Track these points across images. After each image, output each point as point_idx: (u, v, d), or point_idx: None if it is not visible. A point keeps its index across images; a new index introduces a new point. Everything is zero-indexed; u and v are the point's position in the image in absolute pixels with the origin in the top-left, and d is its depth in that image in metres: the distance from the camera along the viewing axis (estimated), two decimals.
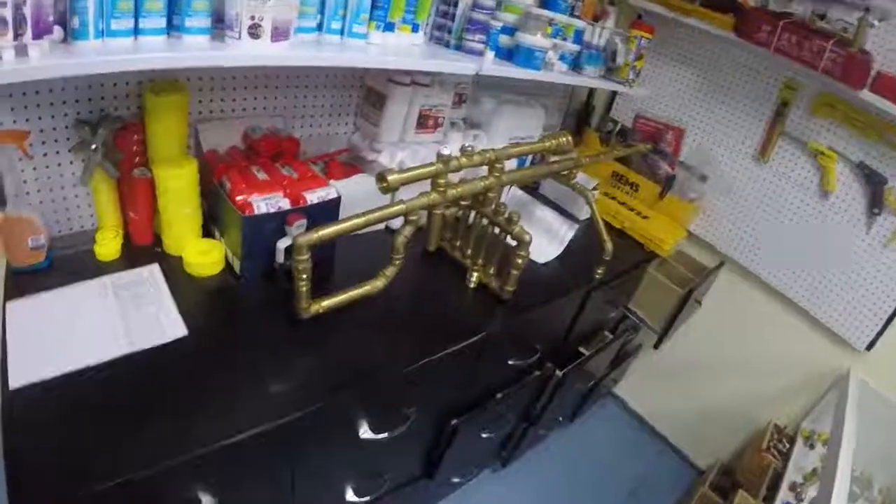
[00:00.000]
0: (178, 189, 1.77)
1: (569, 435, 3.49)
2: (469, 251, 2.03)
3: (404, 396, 1.79)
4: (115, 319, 1.56)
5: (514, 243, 1.87)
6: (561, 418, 3.15)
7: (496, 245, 1.94)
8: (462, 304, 1.96)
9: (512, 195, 2.45)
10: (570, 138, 2.03)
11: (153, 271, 1.77)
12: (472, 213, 2.00)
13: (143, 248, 1.84)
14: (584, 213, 2.66)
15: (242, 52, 1.40)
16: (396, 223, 2.04)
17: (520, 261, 1.86)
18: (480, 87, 2.47)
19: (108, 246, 1.79)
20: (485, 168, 1.92)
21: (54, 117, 1.66)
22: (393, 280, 1.76)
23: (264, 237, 1.68)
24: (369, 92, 2.15)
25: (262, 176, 1.83)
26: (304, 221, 1.74)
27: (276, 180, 1.83)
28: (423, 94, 2.09)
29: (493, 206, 1.90)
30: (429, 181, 1.74)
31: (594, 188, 2.62)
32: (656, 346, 2.80)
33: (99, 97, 1.71)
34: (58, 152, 1.71)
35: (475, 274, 1.99)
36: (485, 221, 1.97)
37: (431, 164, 1.70)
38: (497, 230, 1.94)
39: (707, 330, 3.04)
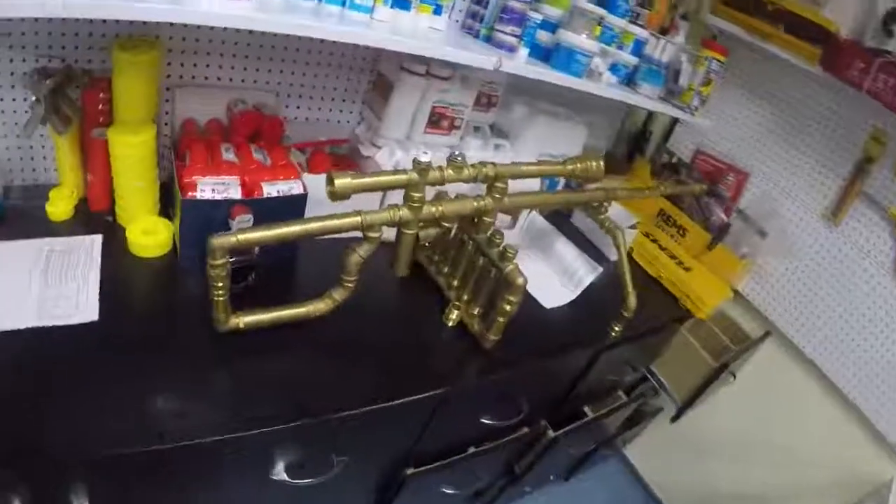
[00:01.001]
0: (129, 157, 1.29)
1: (560, 494, 2.53)
2: (455, 281, 1.44)
3: (336, 442, 1.24)
4: (32, 287, 1.17)
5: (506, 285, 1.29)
6: (553, 476, 2.47)
7: (485, 280, 1.34)
8: (433, 344, 1.38)
9: (530, 222, 1.79)
10: (601, 164, 1.38)
11: (94, 242, 1.31)
12: (465, 236, 1.40)
13: (97, 215, 1.38)
14: (615, 254, 1.94)
15: (200, 7, 0.95)
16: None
17: (508, 307, 1.27)
18: (514, 92, 1.83)
19: (60, 205, 1.40)
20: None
21: (19, 61, 1.27)
22: (346, 303, 1.21)
23: (207, 226, 1.12)
24: (379, 79, 1.60)
25: (228, 156, 1.33)
26: (249, 217, 1.22)
27: (242, 164, 1.32)
28: (440, 88, 1.51)
29: (488, 234, 1.32)
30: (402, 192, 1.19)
31: (633, 226, 1.97)
32: (674, 420, 2.13)
33: (60, 46, 1.30)
34: (25, 99, 1.33)
35: (455, 311, 1.40)
36: (476, 250, 1.38)
37: (401, 171, 1.14)
38: (487, 263, 1.34)
39: (736, 405, 2.24)
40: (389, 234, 1.20)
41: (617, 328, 1.62)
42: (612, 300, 1.66)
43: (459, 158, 1.19)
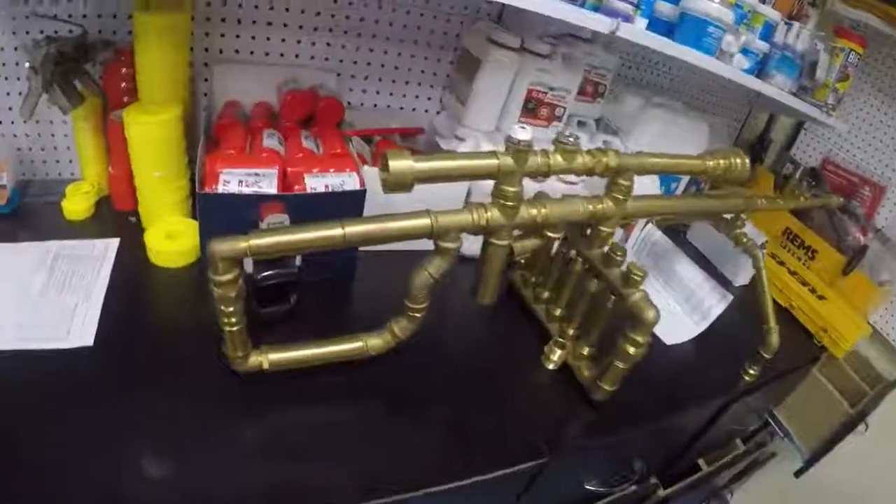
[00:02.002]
0: (145, 141, 0.84)
1: None
2: (558, 310, 0.92)
3: None
4: (26, 300, 0.77)
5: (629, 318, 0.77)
6: None
7: (600, 311, 0.83)
8: (527, 395, 0.85)
9: (646, 236, 1.22)
10: (746, 162, 0.86)
11: (109, 247, 0.86)
12: (572, 252, 0.89)
13: (120, 215, 0.94)
14: (741, 278, 1.39)
15: None
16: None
17: (632, 350, 0.74)
18: (625, 83, 1.34)
19: (77, 203, 0.95)
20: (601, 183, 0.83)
21: (36, 32, 0.87)
22: (411, 339, 0.73)
23: (233, 230, 0.61)
24: (463, 56, 1.08)
25: (270, 143, 0.85)
26: (283, 218, 0.74)
27: (287, 153, 0.86)
28: (537, 66, 1.00)
29: (606, 249, 0.80)
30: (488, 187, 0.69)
31: (762, 245, 1.30)
32: (799, 474, 1.48)
33: (80, 14, 0.89)
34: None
35: (558, 351, 0.87)
36: (587, 270, 0.86)
37: (489, 154, 0.64)
38: (604, 288, 0.82)
39: (865, 457, 1.48)
40: (473, 246, 0.70)
41: (752, 371, 1.05)
42: (744, 336, 1.09)
43: (572, 140, 0.69)
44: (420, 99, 1.16)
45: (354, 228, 0.60)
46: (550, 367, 0.87)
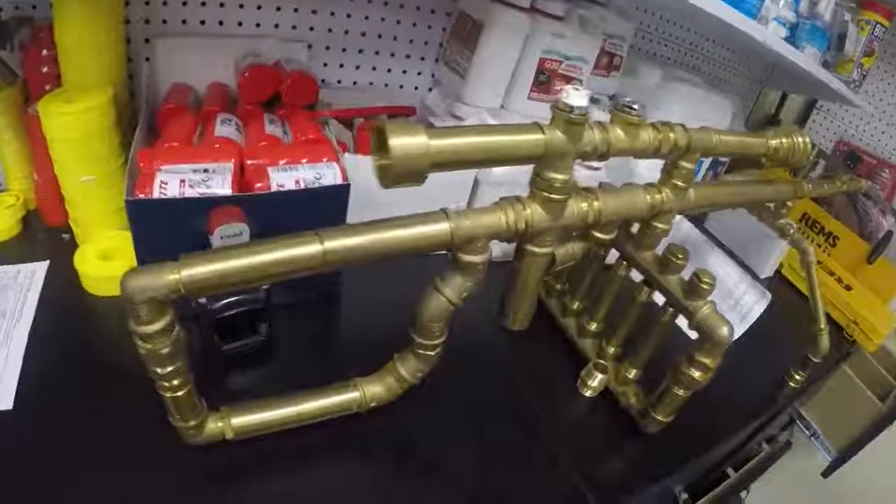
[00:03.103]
0: (65, 138, 0.57)
1: None
2: (593, 324, 0.69)
3: None
4: None
5: (693, 335, 0.54)
6: None
7: (651, 329, 0.60)
8: (562, 431, 0.60)
9: (677, 227, 0.96)
10: (808, 141, 0.64)
11: (35, 274, 0.60)
12: (609, 255, 0.67)
13: (52, 232, 0.67)
14: (767, 269, 1.16)
15: None
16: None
17: (698, 374, 0.52)
18: (641, 55, 1.12)
19: None
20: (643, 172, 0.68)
21: None
22: (421, 381, 0.50)
23: (179, 245, 0.38)
24: (460, 21, 0.82)
25: (224, 131, 0.59)
26: (240, 227, 0.49)
27: (246, 142, 0.61)
28: (551, 31, 0.75)
29: (658, 254, 0.58)
30: (522, 175, 0.46)
31: (796, 232, 1.06)
32: (826, 474, 1.25)
33: None
34: None
35: (598, 375, 0.63)
36: (633, 279, 0.63)
37: (532, 127, 0.40)
38: (651, 299, 0.61)
39: (891, 455, 1.25)
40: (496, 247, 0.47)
41: (798, 376, 0.83)
42: (779, 335, 0.91)
43: (636, 108, 0.47)
44: (409, 74, 0.90)
45: (339, 243, 0.37)
46: (588, 394, 0.64)
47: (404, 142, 0.34)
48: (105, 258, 0.64)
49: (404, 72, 0.89)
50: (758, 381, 0.84)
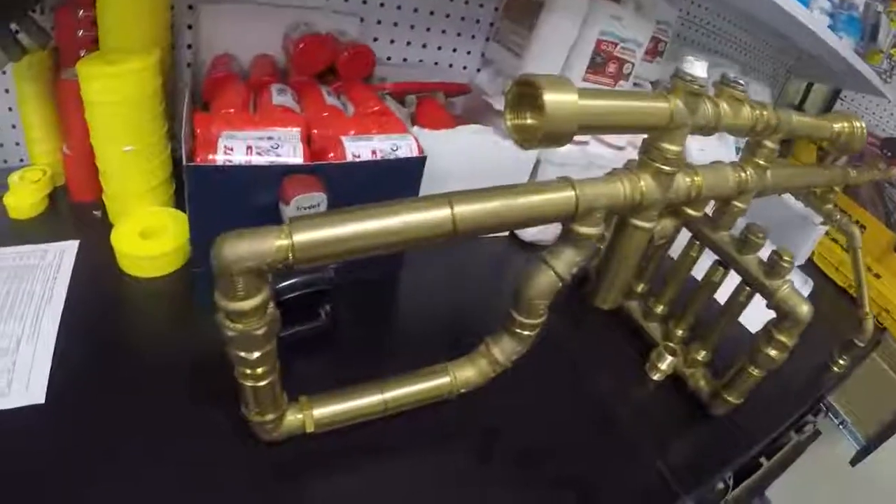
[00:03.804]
0: (106, 102, 0.52)
1: None
2: (659, 306, 0.66)
3: None
4: None
5: (771, 317, 0.53)
6: None
7: (724, 310, 0.59)
8: (637, 418, 0.57)
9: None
10: (864, 127, 0.65)
11: (65, 255, 0.54)
12: (677, 236, 0.64)
13: (80, 209, 0.62)
14: (800, 257, 1.14)
15: None
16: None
17: (775, 353, 0.51)
18: (684, 42, 1.12)
19: (23, 196, 0.63)
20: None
21: None
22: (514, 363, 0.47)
23: (240, 218, 0.34)
24: (508, 1, 0.81)
25: (281, 100, 0.55)
26: (319, 197, 0.46)
27: (308, 112, 0.56)
28: (610, 12, 0.72)
29: (737, 233, 0.56)
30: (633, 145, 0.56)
31: (823, 222, 1.11)
32: (855, 462, 1.26)
33: None
34: None
35: (668, 358, 0.61)
36: (704, 261, 0.62)
37: (659, 95, 0.39)
38: (728, 281, 0.59)
39: None
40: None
41: (842, 360, 0.83)
42: (820, 323, 0.93)
43: (742, 84, 0.45)
44: (458, 53, 0.87)
45: (468, 208, 0.34)
46: (657, 377, 0.62)
47: (559, 98, 0.31)
48: (145, 237, 0.60)
49: (454, 50, 0.86)
50: (802, 366, 0.82)
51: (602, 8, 0.73)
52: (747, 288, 0.57)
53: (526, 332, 0.44)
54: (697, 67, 0.40)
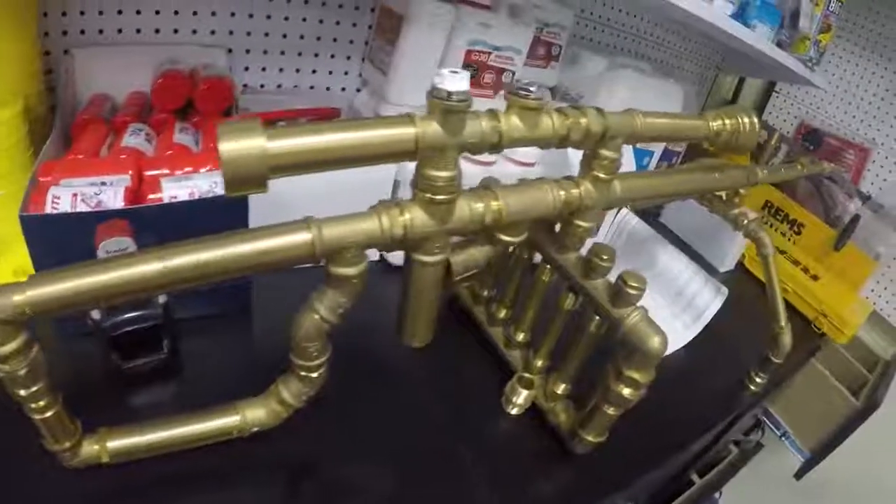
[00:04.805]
0: None
1: None
2: (521, 333, 0.63)
3: None
4: None
5: (625, 348, 0.48)
6: None
7: (579, 336, 0.54)
8: (485, 454, 0.54)
9: (622, 224, 0.92)
10: (755, 122, 0.58)
11: None
12: (537, 256, 0.60)
13: None
14: (727, 262, 1.10)
15: None
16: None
17: (627, 392, 0.47)
18: (583, 44, 1.06)
19: None
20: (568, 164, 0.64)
21: None
22: (307, 403, 0.45)
23: (71, 261, 0.34)
24: (382, 16, 0.77)
25: (134, 141, 0.55)
26: (126, 241, 0.44)
27: (156, 152, 0.57)
28: (476, 20, 0.70)
29: (583, 254, 0.52)
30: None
31: (751, 222, 0.94)
32: (799, 476, 1.19)
33: None
34: None
35: (523, 392, 0.58)
36: (553, 279, 0.59)
37: (402, 119, 0.36)
38: (577, 306, 0.55)
39: (867, 446, 1.15)
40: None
41: (759, 379, 0.77)
42: (738, 332, 0.85)
43: (533, 90, 0.41)
44: (335, 75, 0.85)
45: (178, 261, 0.33)
46: (514, 411, 0.58)
47: (234, 146, 0.30)
48: (18, 274, 0.62)
49: (330, 72, 0.84)
50: (715, 385, 0.77)
51: (469, 16, 0.70)
52: (597, 315, 0.52)
53: (309, 374, 0.43)
54: (453, 80, 0.36)
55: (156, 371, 0.52)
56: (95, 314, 0.49)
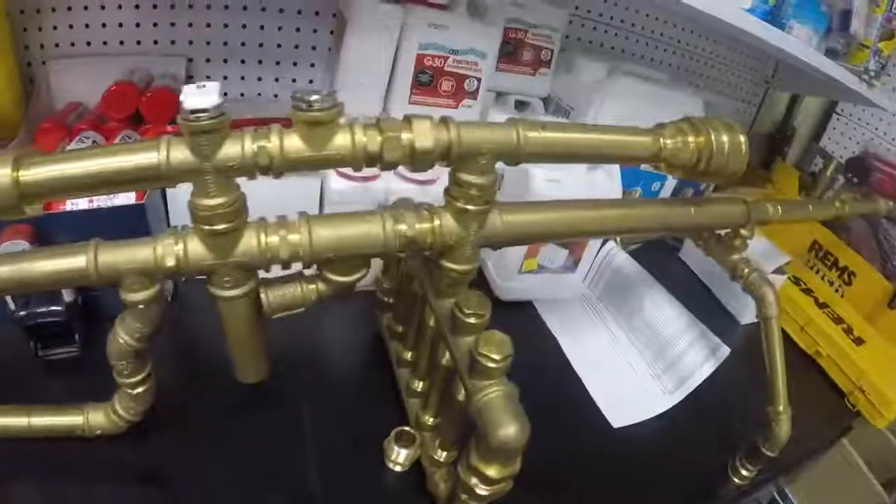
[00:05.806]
0: None
1: None
2: (418, 381, 0.55)
3: None
4: None
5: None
6: None
7: (450, 404, 0.46)
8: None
9: (605, 259, 0.76)
10: (741, 140, 0.45)
11: None
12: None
13: None
14: (748, 314, 0.88)
15: None
16: None
17: (483, 490, 0.39)
18: (581, 49, 0.93)
19: None
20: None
21: None
22: (142, 416, 0.44)
23: None
24: (338, 20, 0.72)
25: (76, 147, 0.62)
26: (22, 245, 0.49)
27: None
28: (428, 20, 0.64)
29: (459, 308, 0.42)
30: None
31: (780, 269, 0.86)
32: None
33: None
34: None
35: (402, 451, 0.51)
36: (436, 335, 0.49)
37: (144, 144, 0.35)
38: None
39: None
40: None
41: (746, 471, 0.61)
42: (739, 404, 0.67)
43: (317, 99, 0.35)
44: (298, 83, 0.83)
45: None
46: (397, 469, 0.51)
47: None
48: None
49: (294, 80, 0.83)
50: (694, 468, 0.62)
51: (419, 17, 0.64)
52: (461, 383, 0.42)
53: (134, 391, 0.41)
54: (194, 97, 0.31)
55: (75, 361, 0.54)
56: (11, 304, 0.53)
